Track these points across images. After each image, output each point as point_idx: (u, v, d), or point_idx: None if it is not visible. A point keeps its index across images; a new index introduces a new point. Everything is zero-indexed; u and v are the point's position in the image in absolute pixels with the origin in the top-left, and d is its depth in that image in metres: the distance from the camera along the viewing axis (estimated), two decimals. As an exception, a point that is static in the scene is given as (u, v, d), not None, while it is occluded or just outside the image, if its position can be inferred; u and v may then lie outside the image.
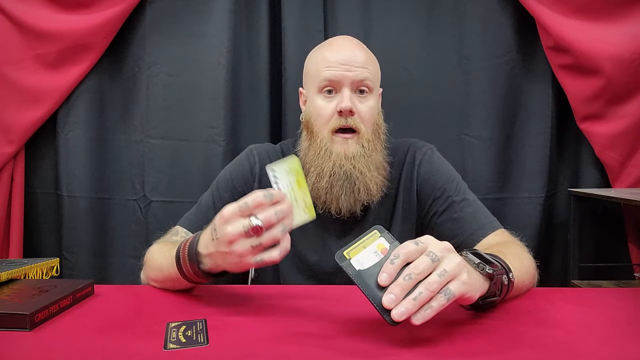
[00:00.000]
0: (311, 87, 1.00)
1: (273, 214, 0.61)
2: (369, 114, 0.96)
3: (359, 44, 1.01)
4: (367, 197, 0.97)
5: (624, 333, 0.62)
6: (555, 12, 1.52)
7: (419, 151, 1.04)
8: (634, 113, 1.53)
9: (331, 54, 0.97)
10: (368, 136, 0.96)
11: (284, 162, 0.66)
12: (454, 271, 0.56)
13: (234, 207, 0.62)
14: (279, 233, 0.61)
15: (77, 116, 1.62)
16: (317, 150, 0.97)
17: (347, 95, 0.94)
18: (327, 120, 0.96)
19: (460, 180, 1.02)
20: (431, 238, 0.59)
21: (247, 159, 1.06)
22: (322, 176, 0.95)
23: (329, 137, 0.96)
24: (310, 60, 1.03)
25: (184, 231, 0.97)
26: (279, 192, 0.63)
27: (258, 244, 0.61)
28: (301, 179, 0.66)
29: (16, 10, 1.52)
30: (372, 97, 0.98)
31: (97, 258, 1.66)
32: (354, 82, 0.95)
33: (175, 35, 1.63)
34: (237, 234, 0.61)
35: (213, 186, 1.05)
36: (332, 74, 0.95)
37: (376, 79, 1.01)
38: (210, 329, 0.62)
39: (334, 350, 0.56)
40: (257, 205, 0.61)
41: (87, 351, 0.56)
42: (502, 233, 0.94)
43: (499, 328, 0.63)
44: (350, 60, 0.95)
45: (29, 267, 0.85)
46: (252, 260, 0.62)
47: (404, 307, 0.53)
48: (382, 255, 0.58)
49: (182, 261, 0.71)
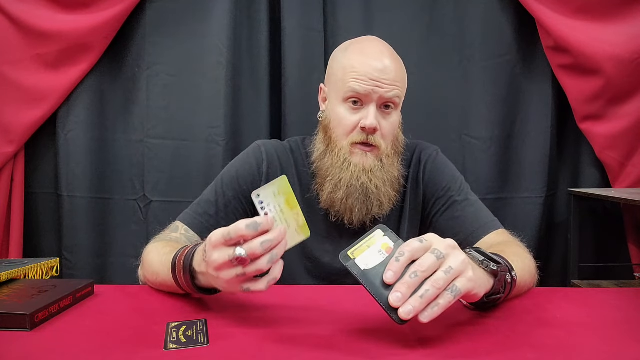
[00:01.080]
0: (335, 92, 0.97)
1: (258, 244, 0.57)
2: (390, 130, 0.95)
3: (391, 52, 0.97)
4: (379, 210, 0.97)
5: (624, 333, 0.62)
6: (555, 12, 1.52)
7: (424, 153, 1.04)
8: (634, 113, 1.53)
9: (361, 64, 0.92)
10: (387, 152, 0.96)
11: (272, 185, 0.63)
12: (460, 268, 0.56)
13: (220, 235, 0.59)
14: (265, 264, 0.58)
15: (77, 116, 1.62)
16: (335, 159, 0.95)
17: (372, 113, 0.91)
18: (348, 132, 0.94)
19: (463, 181, 1.02)
20: (435, 236, 0.59)
21: (254, 156, 1.02)
22: (339, 187, 0.94)
23: (348, 148, 0.94)
24: (337, 62, 0.98)
25: (184, 227, 0.96)
26: (266, 219, 0.58)
27: (242, 274, 0.59)
28: (291, 199, 0.63)
29: (16, 10, 1.52)
30: (396, 112, 0.97)
31: (97, 258, 1.66)
32: (382, 98, 0.92)
33: (175, 35, 1.63)
34: (222, 263, 0.59)
35: (217, 182, 1.02)
36: (361, 88, 0.91)
37: (404, 92, 0.99)
38: (211, 329, 0.62)
39: (336, 350, 0.56)
40: (240, 236, 0.58)
41: (87, 351, 0.56)
42: (503, 233, 0.94)
43: (500, 328, 0.63)
44: (381, 74, 0.91)
45: (29, 267, 0.85)
46: (239, 289, 0.60)
47: (411, 305, 0.53)
48: (386, 254, 0.58)
49: (178, 272, 0.70)
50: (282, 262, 0.61)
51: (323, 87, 1.04)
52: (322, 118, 1.01)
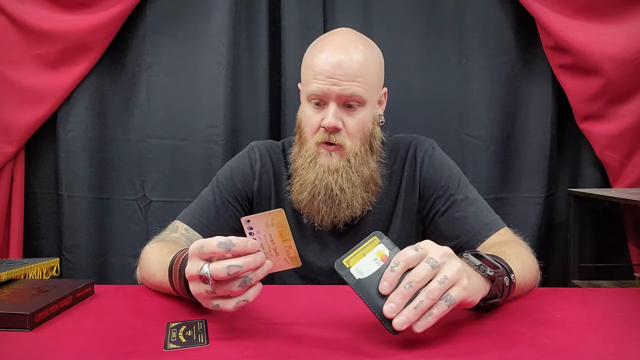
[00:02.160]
0: (303, 91, 0.96)
1: (223, 268, 0.55)
2: (357, 128, 0.91)
3: (356, 43, 0.91)
4: (350, 213, 0.94)
5: (624, 333, 0.62)
6: (555, 12, 1.52)
7: (420, 148, 1.01)
8: (634, 113, 1.53)
9: (319, 61, 0.89)
10: (355, 150, 0.92)
11: (266, 215, 0.59)
12: (455, 277, 0.56)
13: (196, 246, 0.58)
14: (235, 289, 0.56)
15: (77, 116, 1.62)
16: (303, 160, 0.94)
17: (332, 112, 0.88)
18: (313, 132, 0.92)
19: (462, 177, 1.00)
20: (431, 243, 0.59)
21: (248, 156, 1.04)
22: (304, 187, 0.93)
23: (315, 148, 0.93)
24: (305, 60, 0.96)
25: (184, 227, 0.96)
26: (243, 242, 0.56)
27: (212, 291, 0.57)
28: (285, 233, 0.60)
29: (16, 10, 1.52)
30: (363, 109, 0.91)
31: (97, 258, 1.66)
32: (339, 96, 0.88)
33: (175, 35, 1.63)
34: (191, 275, 0.58)
35: (213, 182, 1.03)
36: (318, 88, 0.88)
37: (373, 86, 0.92)
38: (211, 329, 0.62)
39: (334, 350, 0.56)
40: (210, 253, 0.56)
41: (87, 351, 0.56)
42: (505, 232, 0.93)
43: (499, 328, 0.63)
44: (339, 71, 0.87)
45: (29, 267, 0.85)
46: (209, 304, 0.59)
47: (405, 315, 0.53)
48: (382, 263, 0.58)
49: (174, 278, 0.70)
50: (261, 285, 0.60)
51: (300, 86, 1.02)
52: (297, 118, 1.00)
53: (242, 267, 0.56)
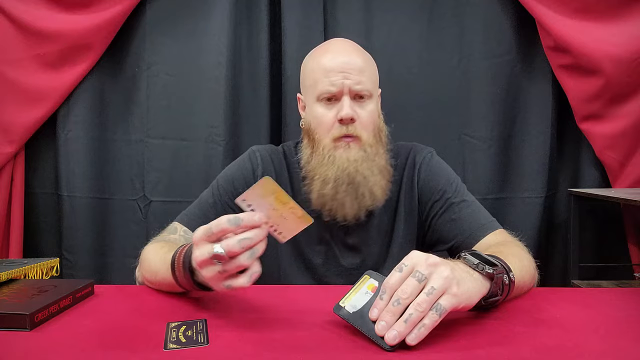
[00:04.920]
0: (310, 95, 0.99)
1: (236, 242, 0.57)
2: (369, 120, 0.96)
3: (355, 47, 1.00)
4: (372, 201, 0.96)
5: (624, 333, 0.62)
6: (555, 12, 1.52)
7: (419, 155, 1.04)
8: (634, 113, 1.53)
9: (328, 60, 0.95)
10: (370, 141, 0.96)
11: (256, 187, 0.62)
12: (443, 286, 0.56)
13: (202, 231, 0.60)
14: (245, 261, 0.59)
15: (77, 116, 1.62)
16: (320, 158, 0.96)
17: (347, 104, 0.93)
18: (328, 129, 0.95)
19: (459, 183, 1.02)
20: (417, 255, 0.59)
21: (249, 160, 1.04)
22: (326, 182, 0.94)
23: (331, 144, 0.95)
24: (307, 67, 1.01)
25: (182, 229, 0.96)
26: (250, 215, 0.59)
27: (223, 271, 0.59)
28: (281, 196, 0.62)
29: (16, 10, 1.52)
30: (371, 102, 0.97)
31: (97, 258, 1.66)
32: (352, 89, 0.94)
33: (175, 35, 1.63)
34: (202, 260, 0.60)
35: (213, 185, 1.03)
36: (332, 83, 0.93)
37: (374, 82, 0.99)
38: (211, 329, 0.62)
39: (335, 350, 0.56)
40: (221, 231, 0.59)
41: (87, 351, 0.56)
42: (502, 233, 0.94)
43: (499, 328, 0.63)
44: (348, 67, 0.93)
45: (29, 267, 0.85)
46: (221, 286, 0.61)
47: (395, 330, 0.54)
48: (372, 294, 0.61)
49: (177, 270, 0.70)
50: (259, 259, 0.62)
51: (300, 97, 1.06)
52: (303, 125, 1.02)
53: (252, 239, 0.58)
